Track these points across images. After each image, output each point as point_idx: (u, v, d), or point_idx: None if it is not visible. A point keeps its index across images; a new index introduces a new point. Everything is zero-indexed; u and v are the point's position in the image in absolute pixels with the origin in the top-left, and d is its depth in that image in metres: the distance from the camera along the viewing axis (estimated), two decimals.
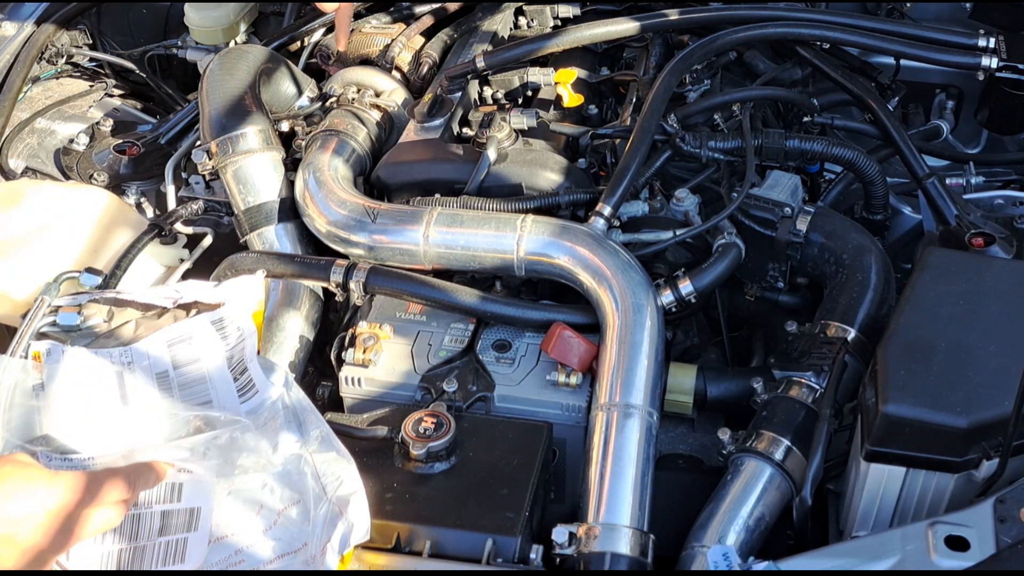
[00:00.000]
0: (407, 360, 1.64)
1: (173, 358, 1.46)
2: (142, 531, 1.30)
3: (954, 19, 2.30)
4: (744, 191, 1.72)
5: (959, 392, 1.30)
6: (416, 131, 1.98)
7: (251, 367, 1.45)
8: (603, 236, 1.67)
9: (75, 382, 1.43)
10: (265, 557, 1.29)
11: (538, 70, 2.07)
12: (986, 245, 1.70)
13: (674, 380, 1.62)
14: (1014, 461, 1.30)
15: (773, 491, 1.45)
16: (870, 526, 1.41)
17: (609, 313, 1.59)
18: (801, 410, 1.52)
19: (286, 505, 1.33)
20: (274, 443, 1.37)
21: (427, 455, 1.44)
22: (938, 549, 1.22)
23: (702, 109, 1.92)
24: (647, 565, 1.37)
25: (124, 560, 1.29)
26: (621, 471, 1.45)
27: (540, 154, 1.88)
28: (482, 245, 1.68)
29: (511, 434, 1.51)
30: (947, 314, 1.39)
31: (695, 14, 2.08)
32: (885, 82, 2.15)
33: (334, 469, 1.35)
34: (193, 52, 2.42)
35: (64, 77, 2.47)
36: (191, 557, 1.28)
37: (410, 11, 2.31)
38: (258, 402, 1.43)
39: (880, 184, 1.87)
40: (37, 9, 2.44)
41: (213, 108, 1.91)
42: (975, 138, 2.34)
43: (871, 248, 1.71)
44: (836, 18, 2.02)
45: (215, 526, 1.31)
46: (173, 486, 1.32)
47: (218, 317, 1.47)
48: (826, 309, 1.66)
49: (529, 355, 1.63)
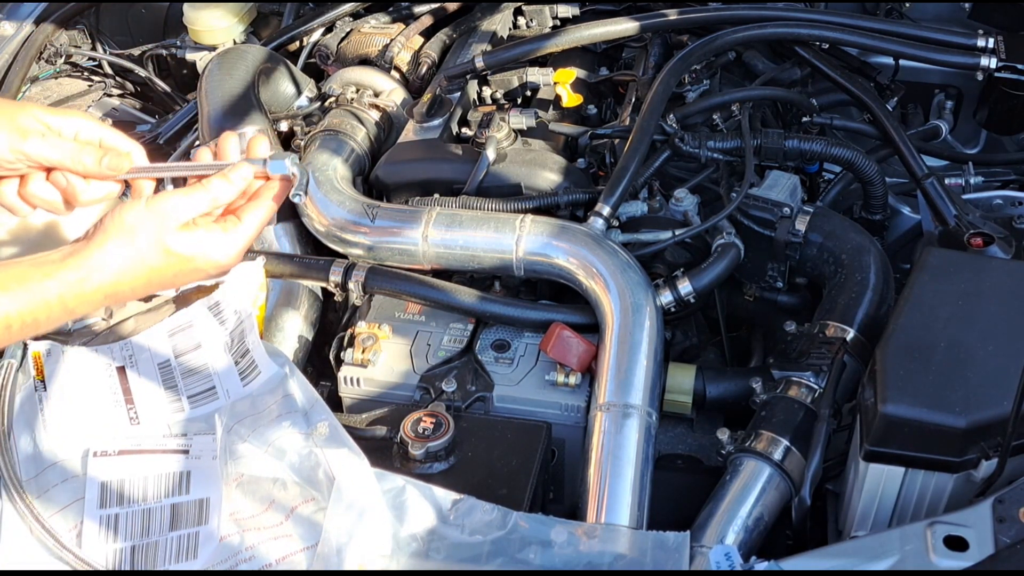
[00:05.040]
0: (406, 360, 1.64)
1: (174, 347, 1.47)
2: (152, 526, 1.31)
3: (953, 19, 2.30)
4: (743, 191, 1.72)
5: (958, 392, 1.30)
6: (415, 131, 1.98)
7: (252, 349, 1.46)
8: (602, 236, 1.67)
9: (74, 382, 1.43)
10: (276, 554, 1.29)
11: (537, 70, 2.07)
12: (985, 245, 1.69)
13: (673, 380, 1.62)
14: (1013, 461, 1.30)
15: (772, 491, 1.45)
16: (869, 526, 1.41)
17: (608, 313, 1.59)
18: (800, 410, 1.52)
19: (297, 503, 1.33)
20: (279, 427, 1.37)
21: (426, 455, 1.44)
22: (937, 549, 1.22)
23: (701, 109, 1.92)
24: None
25: (138, 557, 1.29)
26: (620, 471, 1.45)
27: (539, 154, 1.88)
28: (481, 245, 1.68)
29: (510, 434, 1.51)
30: (946, 314, 1.39)
31: (694, 14, 2.07)
32: (884, 82, 2.15)
33: (347, 467, 1.35)
34: (192, 52, 2.42)
35: (63, 77, 2.47)
36: (203, 551, 1.29)
37: (409, 11, 2.31)
38: (261, 382, 1.44)
39: (879, 184, 1.87)
40: (36, 9, 2.44)
41: (212, 108, 1.91)
42: (974, 138, 2.34)
43: (870, 248, 1.71)
44: (835, 18, 2.02)
45: (224, 520, 1.31)
46: (180, 475, 1.32)
47: (214, 302, 1.48)
48: (825, 309, 1.66)
49: (528, 355, 1.63)
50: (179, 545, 1.30)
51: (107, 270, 1.15)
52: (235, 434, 1.39)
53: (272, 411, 1.43)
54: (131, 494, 1.34)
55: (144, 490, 1.35)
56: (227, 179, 1.24)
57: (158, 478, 1.36)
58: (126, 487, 1.35)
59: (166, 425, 1.43)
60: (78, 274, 1.14)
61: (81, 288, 1.14)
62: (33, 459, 1.37)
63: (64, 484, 1.35)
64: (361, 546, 1.28)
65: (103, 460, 1.37)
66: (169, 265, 1.19)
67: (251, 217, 1.25)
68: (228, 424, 1.40)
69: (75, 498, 1.34)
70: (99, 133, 1.28)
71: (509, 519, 1.34)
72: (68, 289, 1.14)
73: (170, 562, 1.29)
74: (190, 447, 1.39)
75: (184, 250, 1.19)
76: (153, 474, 1.36)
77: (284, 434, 1.38)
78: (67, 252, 1.16)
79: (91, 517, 1.32)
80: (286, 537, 1.31)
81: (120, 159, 1.26)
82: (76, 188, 1.26)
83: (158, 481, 1.35)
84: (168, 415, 1.44)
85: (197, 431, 1.41)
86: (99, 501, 1.33)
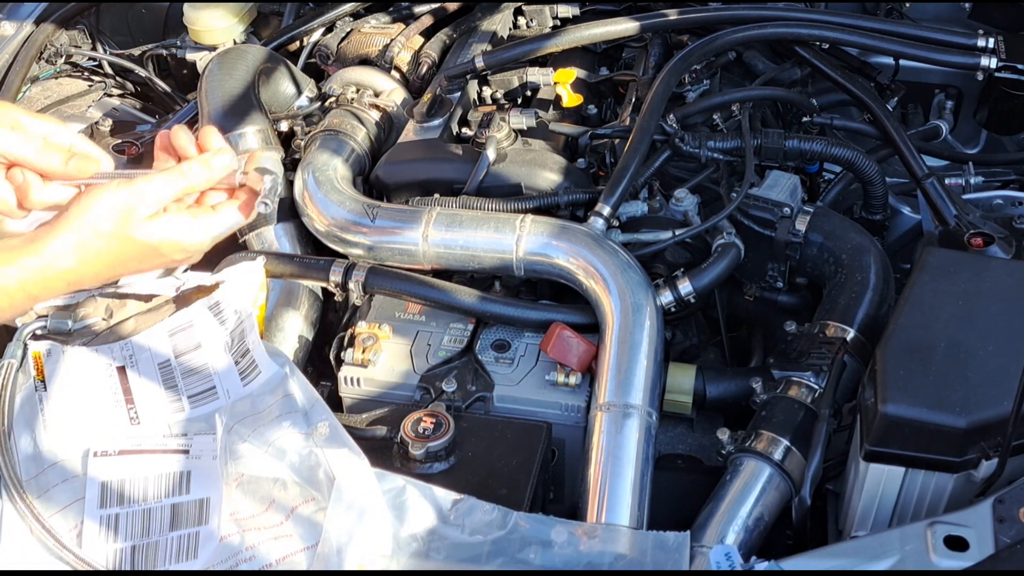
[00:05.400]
0: (406, 360, 1.64)
1: (174, 347, 1.47)
2: (153, 526, 1.31)
3: (953, 19, 2.30)
4: (743, 191, 1.72)
5: (958, 392, 1.30)
6: (415, 131, 1.98)
7: (252, 348, 1.46)
8: (602, 236, 1.67)
9: (75, 382, 1.43)
10: (276, 554, 1.29)
11: (537, 70, 2.07)
12: (985, 245, 1.69)
13: (673, 380, 1.62)
14: (1013, 461, 1.30)
15: (772, 491, 1.45)
16: (869, 526, 1.41)
17: (608, 313, 1.59)
18: (800, 410, 1.51)
19: (298, 503, 1.33)
20: (279, 426, 1.37)
21: (426, 455, 1.44)
22: (937, 549, 1.22)
23: (701, 109, 1.92)
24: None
25: (138, 557, 1.29)
26: (620, 471, 1.45)
27: (539, 154, 1.88)
28: (481, 245, 1.68)
29: (510, 434, 1.51)
30: (946, 314, 1.39)
31: (694, 14, 2.07)
32: (884, 82, 2.15)
33: (347, 467, 1.35)
34: (192, 52, 2.42)
35: (63, 77, 2.47)
36: (203, 551, 1.29)
37: (409, 11, 2.31)
38: (261, 382, 1.44)
39: (879, 184, 1.87)
40: (36, 9, 2.44)
41: (212, 108, 1.91)
42: (974, 138, 2.34)
43: (870, 248, 1.71)
44: (835, 18, 2.02)
45: (225, 520, 1.31)
46: (180, 475, 1.32)
47: (214, 302, 1.48)
48: (825, 309, 1.66)
49: (528, 355, 1.63)
50: (179, 545, 1.30)
51: (70, 257, 1.14)
52: (235, 434, 1.39)
53: (272, 411, 1.43)
54: (131, 494, 1.34)
55: (144, 490, 1.35)
56: (207, 164, 1.22)
57: (158, 478, 1.36)
58: (126, 487, 1.35)
59: (166, 425, 1.43)
60: (40, 261, 1.13)
61: (43, 275, 1.14)
62: (33, 459, 1.37)
63: (64, 484, 1.35)
64: (361, 546, 1.28)
65: (103, 460, 1.37)
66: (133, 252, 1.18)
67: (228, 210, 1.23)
68: (228, 424, 1.40)
69: (75, 498, 1.34)
70: (70, 139, 1.27)
71: (509, 519, 1.34)
72: (29, 276, 1.13)
73: (170, 562, 1.29)
74: (190, 447, 1.39)
75: (148, 237, 1.18)
76: (153, 474, 1.36)
77: (284, 434, 1.38)
78: (28, 238, 1.15)
79: (91, 517, 1.32)
80: (286, 537, 1.31)
81: (87, 162, 1.24)
82: (31, 188, 1.23)
83: (158, 481, 1.35)
84: (168, 415, 1.44)
85: (197, 431, 1.41)
86: (99, 501, 1.33)
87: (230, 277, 1.52)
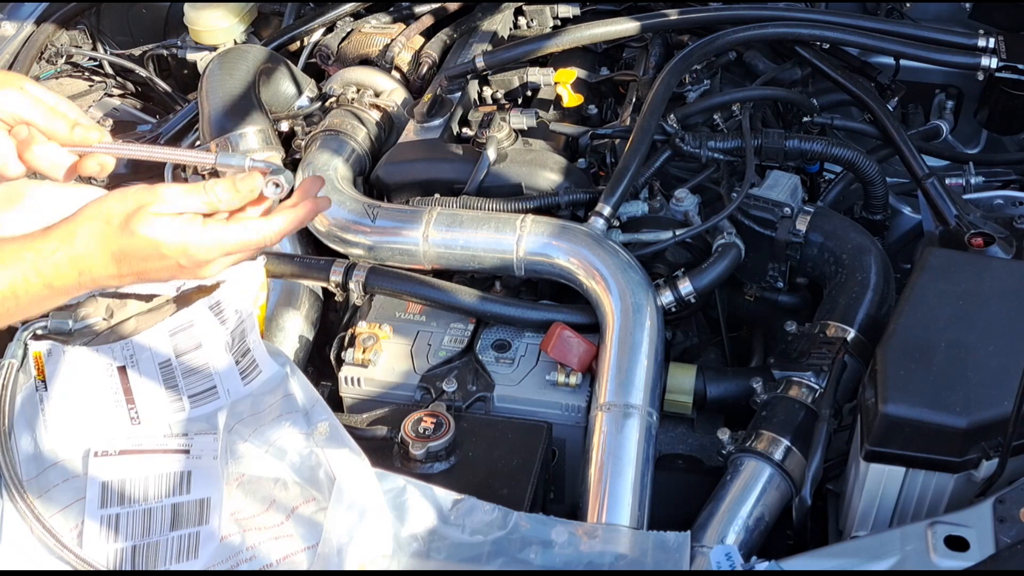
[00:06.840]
0: (407, 360, 1.64)
1: (175, 347, 1.47)
2: (153, 526, 1.31)
3: (954, 19, 2.30)
4: (744, 191, 1.72)
5: (958, 392, 1.30)
6: (416, 131, 1.98)
7: (253, 348, 1.46)
8: (603, 236, 1.67)
9: (75, 382, 1.43)
10: (276, 554, 1.29)
11: (538, 70, 2.07)
12: (986, 245, 1.69)
13: (674, 380, 1.62)
14: (1014, 461, 1.30)
15: (773, 491, 1.45)
16: (870, 526, 1.41)
17: (609, 313, 1.59)
18: (801, 410, 1.52)
19: (298, 503, 1.33)
20: (280, 426, 1.37)
21: (426, 455, 1.44)
22: (938, 549, 1.22)
23: (702, 109, 1.92)
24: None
25: (139, 557, 1.29)
26: (621, 471, 1.45)
27: (540, 154, 1.88)
28: (482, 245, 1.68)
29: (511, 434, 1.51)
30: (947, 314, 1.39)
31: (695, 14, 2.08)
32: (885, 82, 2.15)
33: (348, 467, 1.35)
34: (193, 52, 2.42)
35: (64, 77, 2.47)
36: (204, 551, 1.29)
37: (410, 11, 2.31)
38: (262, 382, 1.44)
39: (880, 184, 1.87)
40: (36, 9, 2.44)
41: (213, 108, 1.91)
42: (975, 138, 2.34)
43: (871, 248, 1.71)
44: (836, 18, 2.02)
45: (225, 520, 1.31)
46: (181, 475, 1.32)
47: (215, 301, 1.49)
48: (826, 309, 1.66)
49: (529, 355, 1.63)
50: (180, 545, 1.30)
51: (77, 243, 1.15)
52: (236, 434, 1.39)
53: (273, 411, 1.43)
54: (132, 494, 1.34)
55: (145, 490, 1.35)
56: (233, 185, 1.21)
57: (159, 478, 1.36)
58: (127, 487, 1.35)
59: (167, 425, 1.43)
60: (53, 244, 1.15)
61: (54, 258, 1.14)
62: (34, 459, 1.37)
63: (65, 484, 1.35)
64: (362, 546, 1.28)
65: (104, 460, 1.37)
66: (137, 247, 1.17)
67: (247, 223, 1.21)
68: (229, 424, 1.40)
69: (76, 498, 1.34)
70: (75, 113, 1.28)
71: (510, 519, 1.34)
72: (42, 259, 1.14)
73: (171, 562, 1.29)
74: (191, 447, 1.39)
75: (152, 234, 1.16)
76: (154, 474, 1.36)
77: (285, 434, 1.38)
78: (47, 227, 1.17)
79: (92, 517, 1.32)
80: (287, 537, 1.31)
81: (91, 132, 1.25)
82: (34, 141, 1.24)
83: (159, 481, 1.35)
84: (169, 415, 1.44)
85: (198, 431, 1.41)
86: (100, 501, 1.34)
87: (231, 277, 1.52)
